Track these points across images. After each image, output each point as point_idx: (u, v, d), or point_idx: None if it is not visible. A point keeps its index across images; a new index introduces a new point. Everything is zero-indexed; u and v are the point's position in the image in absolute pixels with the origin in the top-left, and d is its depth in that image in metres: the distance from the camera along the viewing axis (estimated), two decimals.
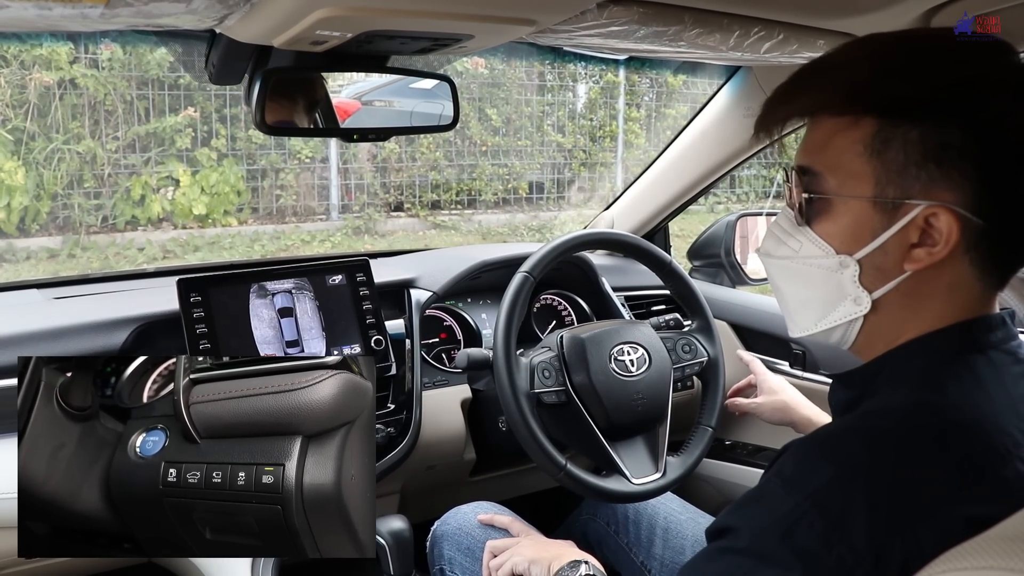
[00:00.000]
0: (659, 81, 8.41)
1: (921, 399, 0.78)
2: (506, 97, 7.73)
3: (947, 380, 0.78)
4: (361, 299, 1.68)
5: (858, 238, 0.83)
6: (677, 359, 1.63)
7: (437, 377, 1.82)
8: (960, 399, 0.77)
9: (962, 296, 0.82)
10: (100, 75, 5.97)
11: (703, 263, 2.36)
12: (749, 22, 1.30)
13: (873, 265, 0.83)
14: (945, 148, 0.76)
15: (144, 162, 6.19)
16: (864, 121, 0.80)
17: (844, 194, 0.83)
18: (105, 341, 1.53)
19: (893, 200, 0.79)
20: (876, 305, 0.85)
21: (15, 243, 5.83)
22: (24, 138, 5.80)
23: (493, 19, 1.06)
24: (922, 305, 0.83)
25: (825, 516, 0.71)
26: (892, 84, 0.79)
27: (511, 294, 1.54)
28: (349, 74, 1.34)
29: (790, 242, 0.90)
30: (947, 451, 0.74)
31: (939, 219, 0.77)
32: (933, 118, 0.77)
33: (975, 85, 0.76)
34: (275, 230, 6.64)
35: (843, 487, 0.73)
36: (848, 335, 0.89)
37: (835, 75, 0.84)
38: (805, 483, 0.74)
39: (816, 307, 0.89)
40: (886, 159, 0.79)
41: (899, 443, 0.74)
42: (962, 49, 0.78)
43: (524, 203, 7.83)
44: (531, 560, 1.33)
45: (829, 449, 0.77)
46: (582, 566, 1.27)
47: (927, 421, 0.76)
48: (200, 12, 0.96)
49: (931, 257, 0.79)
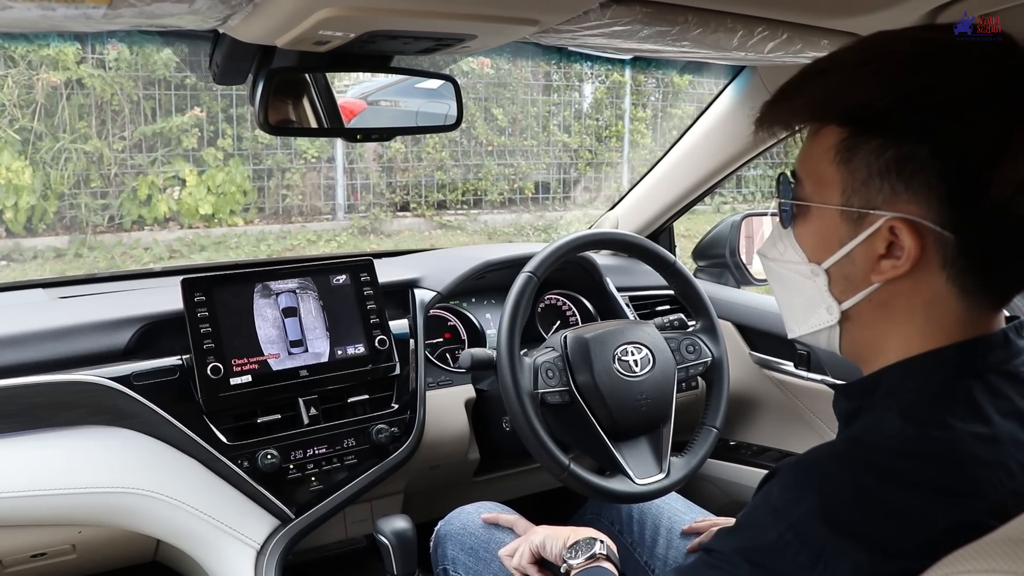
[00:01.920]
0: (665, 81, 8.40)
1: (913, 431, 0.76)
2: (512, 97, 7.73)
3: (942, 410, 0.76)
4: (365, 299, 1.68)
5: (827, 246, 0.83)
6: (681, 359, 1.63)
7: (441, 377, 1.82)
8: (953, 433, 0.74)
9: (943, 313, 0.79)
10: (107, 75, 5.98)
11: (708, 263, 2.36)
12: (753, 22, 1.29)
13: (841, 275, 0.83)
14: (907, 160, 0.75)
15: (150, 162, 6.21)
16: (833, 129, 0.80)
17: (816, 201, 0.83)
18: (109, 340, 1.53)
19: (859, 210, 0.79)
20: (850, 315, 0.84)
21: (22, 242, 5.85)
22: (31, 138, 5.82)
23: (496, 19, 1.06)
24: (900, 319, 0.81)
25: (809, 546, 0.71)
26: (855, 93, 0.78)
27: (515, 294, 1.53)
28: (354, 74, 1.34)
29: (778, 245, 0.91)
30: (937, 487, 0.72)
31: (902, 231, 0.76)
32: (894, 129, 0.76)
33: (935, 97, 0.74)
34: (281, 230, 6.65)
35: (827, 518, 0.72)
36: (832, 342, 0.88)
37: (815, 81, 0.83)
38: (790, 511, 0.74)
39: (798, 311, 0.90)
40: (852, 168, 0.79)
41: (888, 476, 0.73)
42: (925, 58, 0.76)
43: (530, 203, 7.82)
44: (546, 535, 1.35)
45: (816, 477, 0.76)
46: (597, 544, 1.28)
47: (918, 454, 0.74)
48: (203, 12, 0.96)
49: (895, 270, 0.78)
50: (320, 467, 1.59)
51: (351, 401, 1.63)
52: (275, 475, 1.54)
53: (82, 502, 1.43)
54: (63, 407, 1.44)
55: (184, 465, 1.50)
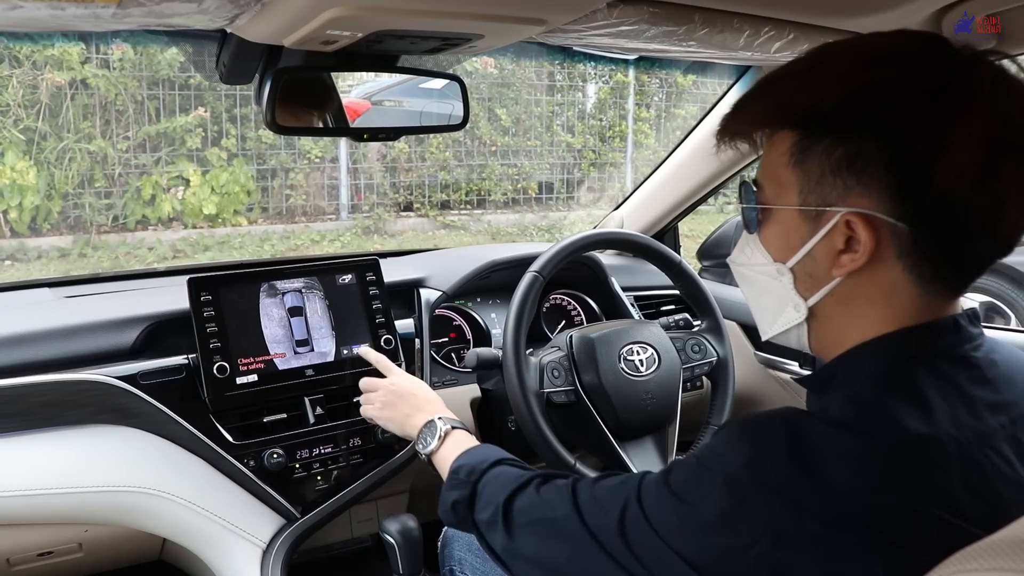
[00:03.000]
0: (669, 81, 8.40)
1: (854, 410, 0.80)
2: (516, 97, 7.73)
3: (884, 392, 0.80)
4: (371, 298, 1.68)
5: (790, 246, 0.87)
6: (687, 359, 1.63)
7: (447, 377, 1.82)
8: (890, 413, 0.77)
9: (901, 302, 0.83)
10: (111, 75, 6.00)
11: (713, 263, 2.36)
12: (759, 22, 1.30)
13: (805, 272, 0.87)
14: (856, 156, 0.79)
15: (155, 162, 6.22)
16: (787, 134, 0.85)
17: (776, 203, 0.88)
18: (116, 339, 1.53)
19: (816, 208, 0.83)
20: (816, 312, 0.88)
21: (26, 242, 5.87)
22: (36, 138, 5.84)
23: (503, 19, 1.07)
24: (861, 311, 0.85)
25: (733, 495, 0.76)
26: (805, 97, 0.82)
27: (521, 294, 1.54)
28: (359, 74, 1.34)
29: (745, 250, 0.95)
30: (866, 463, 0.74)
31: (857, 225, 0.80)
32: (842, 128, 0.80)
33: (878, 95, 0.78)
34: (285, 230, 6.66)
35: (756, 472, 0.76)
36: (801, 340, 0.92)
37: (768, 90, 0.87)
38: (726, 461, 0.79)
39: (768, 312, 0.94)
40: (807, 168, 0.83)
41: (819, 446, 0.76)
42: (868, 61, 0.81)
43: (534, 203, 7.83)
44: (387, 419, 1.43)
45: (755, 434, 0.80)
46: (438, 422, 1.32)
47: (852, 430, 0.77)
48: (211, 12, 0.97)
49: (854, 263, 0.82)
50: (326, 466, 1.59)
51: (357, 400, 1.64)
52: (281, 474, 1.54)
53: (88, 501, 1.43)
54: (70, 406, 1.44)
55: (190, 464, 1.50)
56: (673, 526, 0.81)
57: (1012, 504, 0.75)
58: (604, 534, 0.88)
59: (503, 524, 1.03)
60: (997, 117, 0.75)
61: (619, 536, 0.86)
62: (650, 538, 0.82)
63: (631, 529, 0.85)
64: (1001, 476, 0.76)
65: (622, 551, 0.85)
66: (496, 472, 1.13)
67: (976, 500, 0.74)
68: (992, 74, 0.77)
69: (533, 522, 0.99)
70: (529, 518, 1.00)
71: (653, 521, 0.83)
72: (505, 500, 1.04)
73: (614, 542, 0.86)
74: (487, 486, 1.11)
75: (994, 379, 0.82)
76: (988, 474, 0.75)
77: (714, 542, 0.77)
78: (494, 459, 1.17)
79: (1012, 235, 0.80)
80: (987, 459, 0.76)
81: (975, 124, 0.75)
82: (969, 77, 0.76)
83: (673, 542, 0.80)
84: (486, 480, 1.12)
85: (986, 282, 4.01)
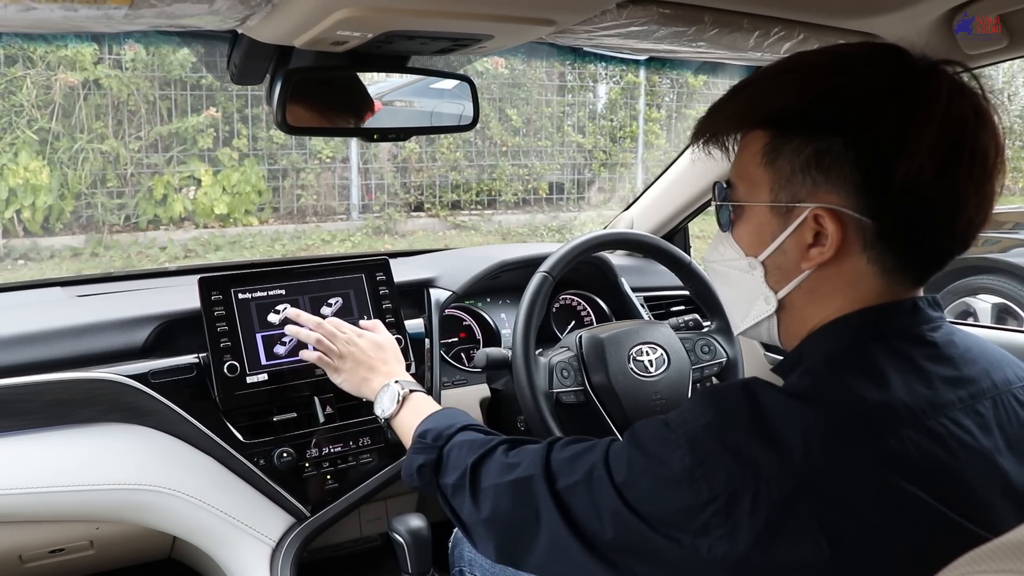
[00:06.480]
0: (679, 82, 8.39)
1: (810, 380, 0.85)
2: (526, 97, 7.74)
3: (840, 367, 0.85)
4: (381, 298, 1.68)
5: (762, 241, 0.92)
6: (696, 360, 1.63)
7: (456, 376, 1.83)
8: (843, 384, 0.82)
9: (863, 290, 0.87)
10: (123, 76, 6.03)
11: None
12: (769, 22, 1.29)
13: (776, 265, 0.92)
14: (824, 153, 0.83)
15: (166, 162, 6.25)
16: (759, 134, 0.89)
17: (749, 201, 0.93)
18: (127, 338, 1.54)
19: (786, 204, 0.88)
20: (785, 304, 0.93)
21: (39, 241, 5.90)
22: (49, 138, 5.87)
23: (513, 19, 1.07)
24: (825, 299, 0.89)
25: (695, 453, 0.81)
26: (776, 99, 0.87)
27: (530, 294, 1.54)
28: (370, 74, 1.35)
29: (719, 248, 0.99)
30: (818, 430, 0.78)
31: (825, 220, 0.85)
32: (810, 127, 0.84)
33: (845, 96, 0.82)
34: (296, 230, 6.67)
35: (717, 433, 0.81)
36: (771, 332, 0.96)
37: (741, 94, 0.92)
38: (691, 422, 0.84)
39: (740, 306, 0.98)
40: (778, 167, 0.88)
41: (777, 412, 0.81)
42: (835, 65, 0.85)
43: (544, 203, 7.83)
44: (342, 378, 1.43)
45: (719, 399, 0.85)
46: (395, 386, 1.34)
47: (807, 398, 0.82)
48: (222, 13, 0.97)
49: (822, 256, 0.86)
50: (335, 465, 1.59)
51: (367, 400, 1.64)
52: (291, 473, 1.54)
53: (100, 498, 1.44)
54: (81, 405, 1.45)
55: (201, 463, 1.51)
56: (636, 484, 0.85)
57: (973, 475, 0.79)
58: (568, 495, 0.92)
59: (469, 487, 1.06)
60: (953, 120, 0.80)
61: (584, 497, 0.89)
62: (611, 498, 0.86)
63: (595, 489, 0.88)
64: (962, 444, 0.80)
65: (586, 514, 0.89)
66: (463, 437, 1.15)
67: (933, 468, 0.77)
68: (948, 82, 0.82)
69: (499, 484, 1.02)
70: (495, 481, 1.03)
71: (617, 480, 0.87)
72: (472, 464, 1.06)
73: (579, 506, 0.90)
74: (453, 450, 1.13)
75: (953, 357, 0.86)
76: (946, 442, 0.79)
77: (674, 498, 0.81)
78: (461, 424, 1.19)
79: (969, 230, 0.85)
80: (943, 427, 0.80)
81: (933, 125, 0.79)
82: (928, 83, 0.81)
83: (633, 499, 0.84)
84: (452, 444, 1.14)
85: (998, 283, 3.99)
